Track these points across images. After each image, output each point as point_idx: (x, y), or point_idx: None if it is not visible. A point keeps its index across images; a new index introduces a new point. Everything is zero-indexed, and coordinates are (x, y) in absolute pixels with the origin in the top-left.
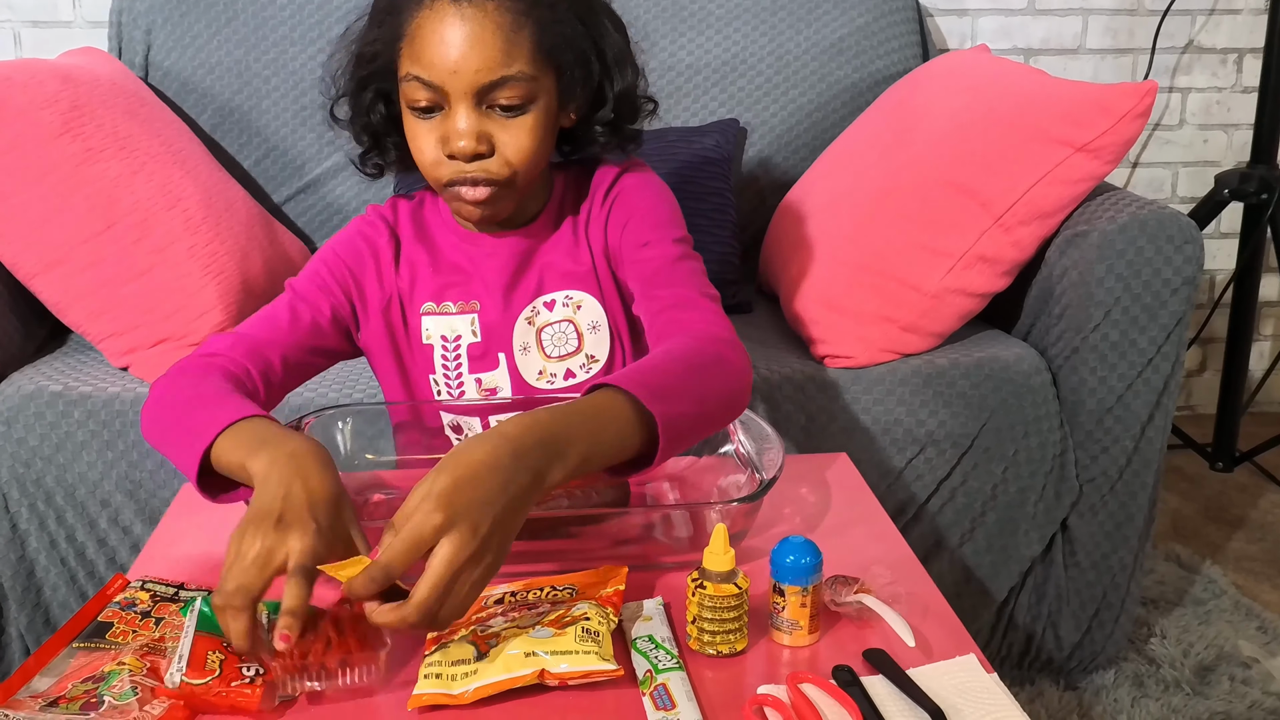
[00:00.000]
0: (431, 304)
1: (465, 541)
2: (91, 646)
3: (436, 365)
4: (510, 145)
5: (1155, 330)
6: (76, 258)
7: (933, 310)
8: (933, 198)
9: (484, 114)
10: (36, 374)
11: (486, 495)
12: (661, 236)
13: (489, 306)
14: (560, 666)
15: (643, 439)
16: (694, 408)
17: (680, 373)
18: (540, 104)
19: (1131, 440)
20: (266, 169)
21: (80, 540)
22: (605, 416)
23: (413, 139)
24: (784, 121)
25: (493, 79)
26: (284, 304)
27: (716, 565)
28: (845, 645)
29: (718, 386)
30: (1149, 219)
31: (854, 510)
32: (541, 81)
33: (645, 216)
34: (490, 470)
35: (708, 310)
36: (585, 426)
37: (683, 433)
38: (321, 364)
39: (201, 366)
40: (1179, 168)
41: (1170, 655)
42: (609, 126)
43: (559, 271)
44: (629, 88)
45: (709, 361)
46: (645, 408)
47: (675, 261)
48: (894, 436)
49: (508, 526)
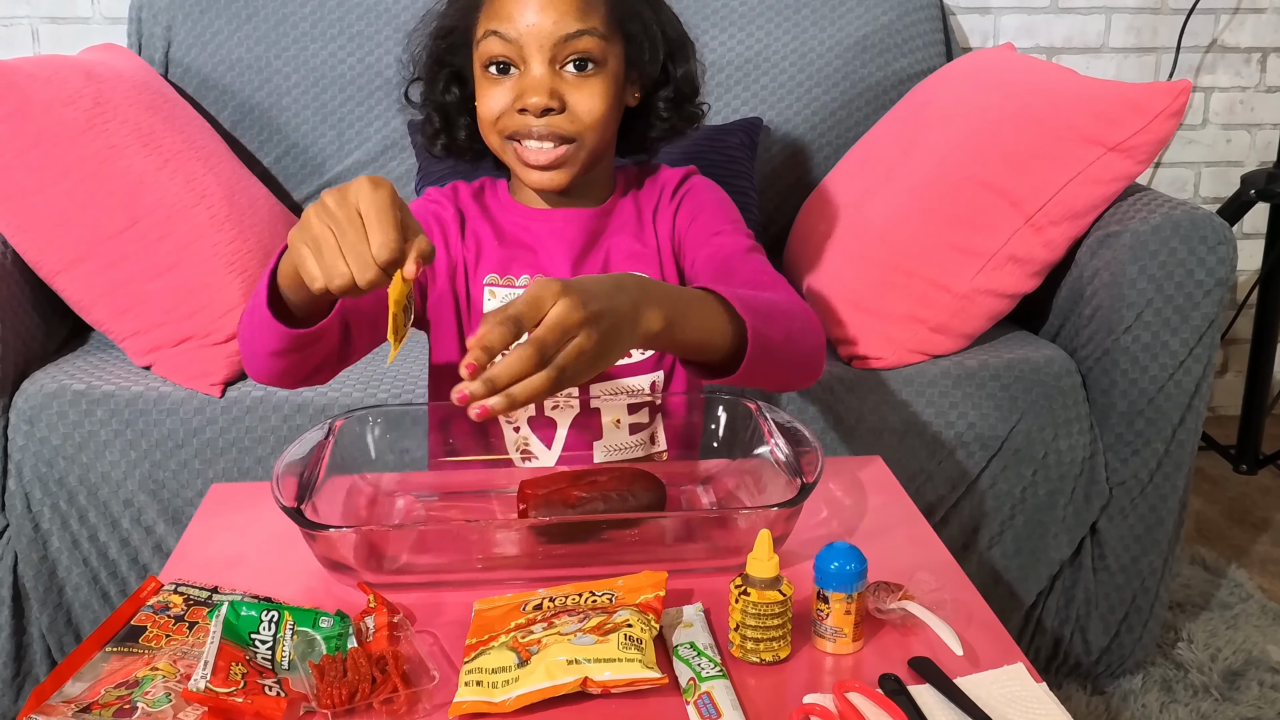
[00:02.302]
0: (495, 275)
1: (574, 307)
2: (125, 650)
3: None
4: (582, 104)
5: (1187, 332)
6: (100, 255)
7: (962, 311)
8: (963, 197)
9: (557, 74)
10: (59, 373)
11: (596, 286)
12: (734, 229)
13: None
14: (603, 674)
15: (730, 342)
16: (781, 338)
17: (773, 307)
18: (610, 68)
19: (1162, 443)
20: (287, 167)
21: (103, 540)
22: (702, 304)
23: (483, 98)
24: (807, 120)
25: (570, 31)
26: None
27: (761, 571)
28: (890, 653)
29: (803, 336)
30: (1182, 219)
31: (892, 514)
32: (612, 45)
33: (715, 211)
34: (603, 277)
35: (789, 289)
36: (682, 297)
37: (766, 354)
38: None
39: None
40: (1202, 168)
41: (1198, 660)
42: (671, 104)
43: (624, 251)
44: (690, 71)
45: (800, 314)
46: (739, 315)
47: (748, 251)
48: (923, 438)
49: (611, 324)
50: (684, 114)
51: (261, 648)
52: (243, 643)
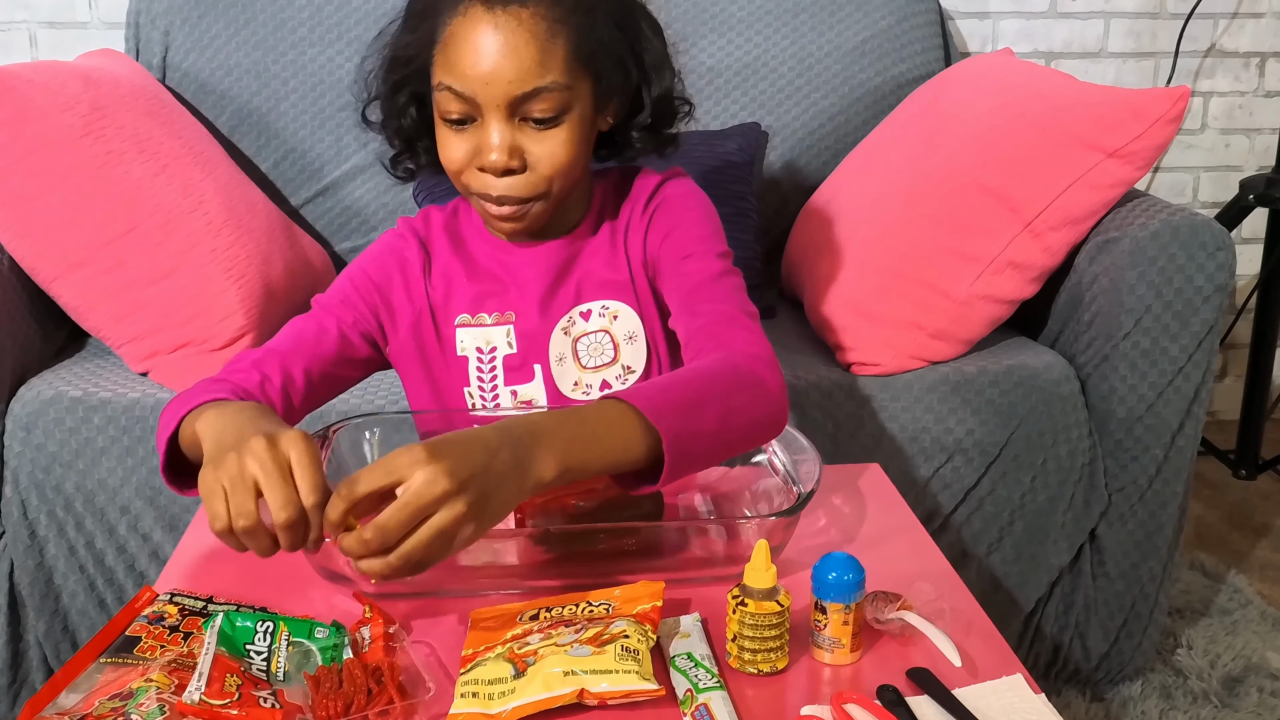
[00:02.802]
0: (466, 315)
1: (435, 479)
2: (119, 661)
3: (471, 377)
4: (545, 159)
5: (1187, 338)
6: (98, 261)
7: (962, 317)
8: (962, 202)
9: (517, 126)
10: (55, 379)
11: (467, 453)
12: (704, 250)
13: (525, 316)
14: (600, 686)
15: (648, 454)
16: (712, 426)
17: (703, 390)
18: (575, 113)
19: (1162, 449)
20: (285, 172)
21: (99, 547)
22: (609, 425)
23: (443, 148)
24: (806, 125)
25: (525, 90)
26: (310, 319)
27: (758, 582)
28: (888, 664)
29: (746, 409)
30: (1181, 225)
31: (890, 522)
32: (577, 90)
33: (688, 229)
34: (475, 438)
35: (747, 329)
36: (580, 429)
37: (696, 452)
38: (354, 375)
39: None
40: (1200, 172)
41: (1198, 666)
42: (646, 131)
43: (596, 280)
44: (666, 92)
45: (741, 381)
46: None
47: (717, 277)
48: (921, 445)
49: (488, 495)
50: (660, 138)
51: (257, 659)
52: (238, 654)
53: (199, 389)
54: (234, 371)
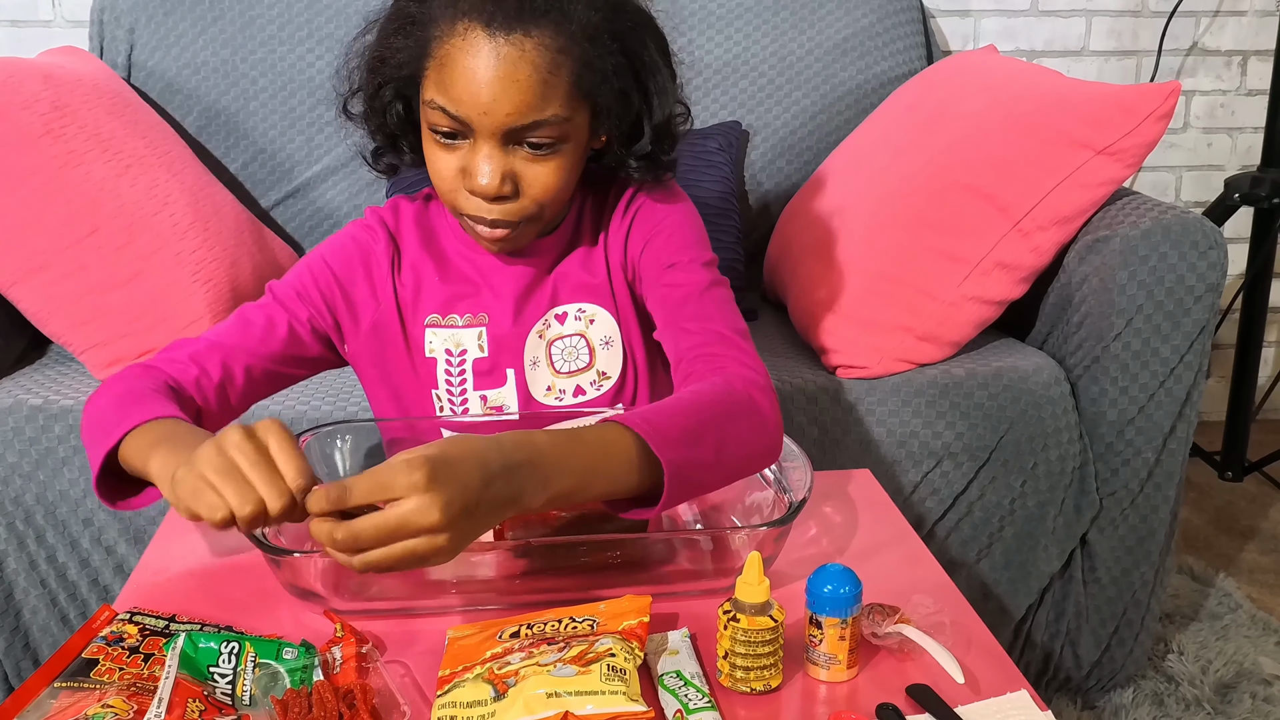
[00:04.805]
0: (437, 315)
1: (428, 509)
2: (75, 685)
3: (440, 380)
4: (536, 185)
5: (1178, 338)
6: (58, 265)
7: (949, 318)
8: (949, 202)
9: (510, 151)
10: (15, 387)
11: (466, 481)
12: (689, 260)
13: (499, 319)
14: (586, 708)
15: (646, 482)
16: (711, 457)
17: (703, 420)
18: (571, 142)
19: (1153, 452)
20: (254, 173)
21: (61, 561)
22: (608, 453)
23: (431, 162)
24: (787, 124)
25: (523, 123)
26: (260, 310)
27: (750, 596)
28: (886, 680)
29: (744, 438)
30: (1172, 224)
31: (883, 531)
32: (575, 120)
33: (670, 236)
34: (477, 465)
35: (740, 349)
36: (581, 458)
37: (694, 482)
38: (300, 374)
39: (138, 372)
40: (1183, 171)
41: (1189, 673)
42: (646, 158)
43: (573, 283)
44: (667, 119)
45: (740, 410)
46: (653, 453)
47: (704, 290)
48: (909, 449)
49: (473, 525)
50: (658, 165)
51: (221, 682)
52: (201, 677)
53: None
54: (169, 362)
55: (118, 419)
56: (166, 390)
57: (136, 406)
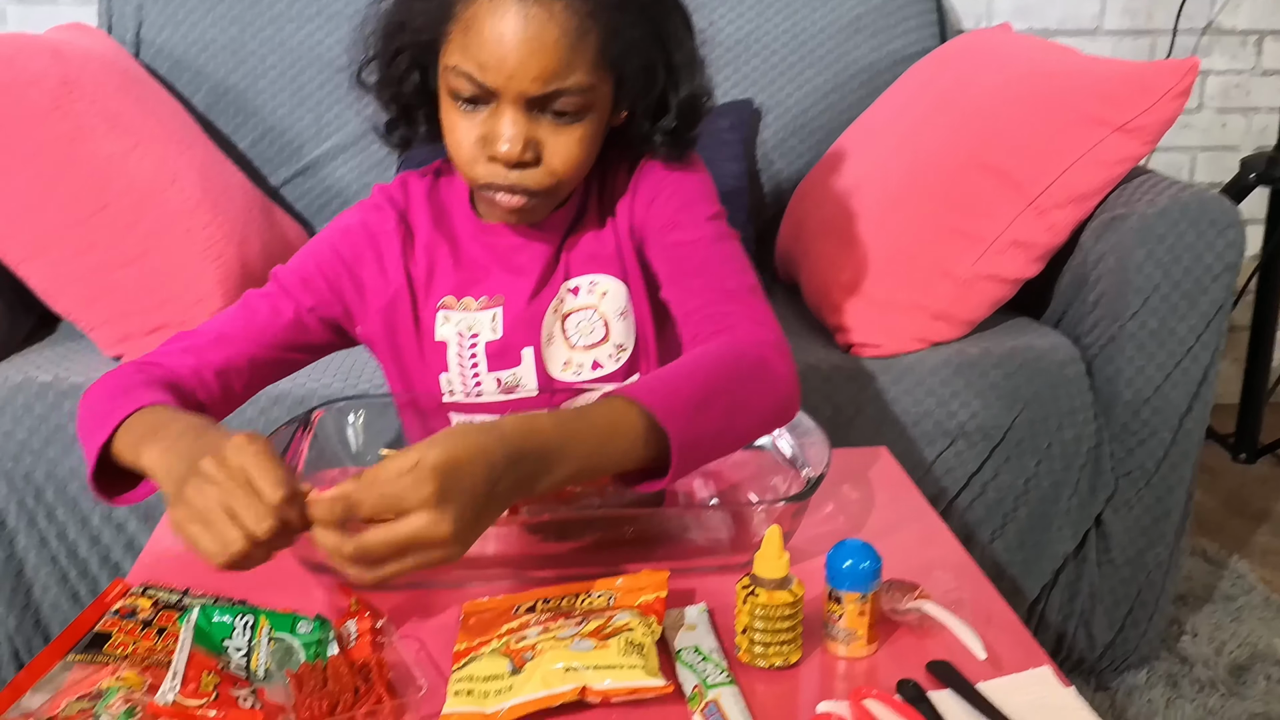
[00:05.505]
0: (451, 298)
1: (440, 522)
2: (88, 659)
3: (451, 364)
4: (558, 155)
5: (1195, 318)
6: (67, 242)
7: (964, 297)
8: (964, 180)
9: (533, 118)
10: (25, 364)
11: (474, 486)
12: (692, 216)
13: (515, 298)
14: (604, 682)
15: (653, 454)
16: (720, 424)
17: (710, 385)
18: (594, 113)
19: (1169, 432)
20: (263, 151)
21: (72, 538)
22: (615, 430)
23: (450, 130)
24: (800, 102)
25: (549, 89)
26: (264, 299)
27: (770, 571)
28: (905, 657)
29: (755, 401)
30: (1190, 202)
31: (901, 509)
32: (600, 90)
33: (674, 193)
34: (485, 466)
35: (751, 305)
36: (587, 439)
37: (703, 452)
38: (304, 359)
39: (131, 369)
40: (1197, 152)
41: (1203, 654)
42: (670, 134)
43: (584, 254)
44: (694, 94)
45: (749, 371)
46: (660, 424)
47: (710, 244)
48: (924, 429)
49: (480, 523)
50: (681, 142)
51: (235, 655)
52: (216, 650)
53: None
54: (165, 355)
55: (106, 414)
56: (159, 383)
57: (124, 399)
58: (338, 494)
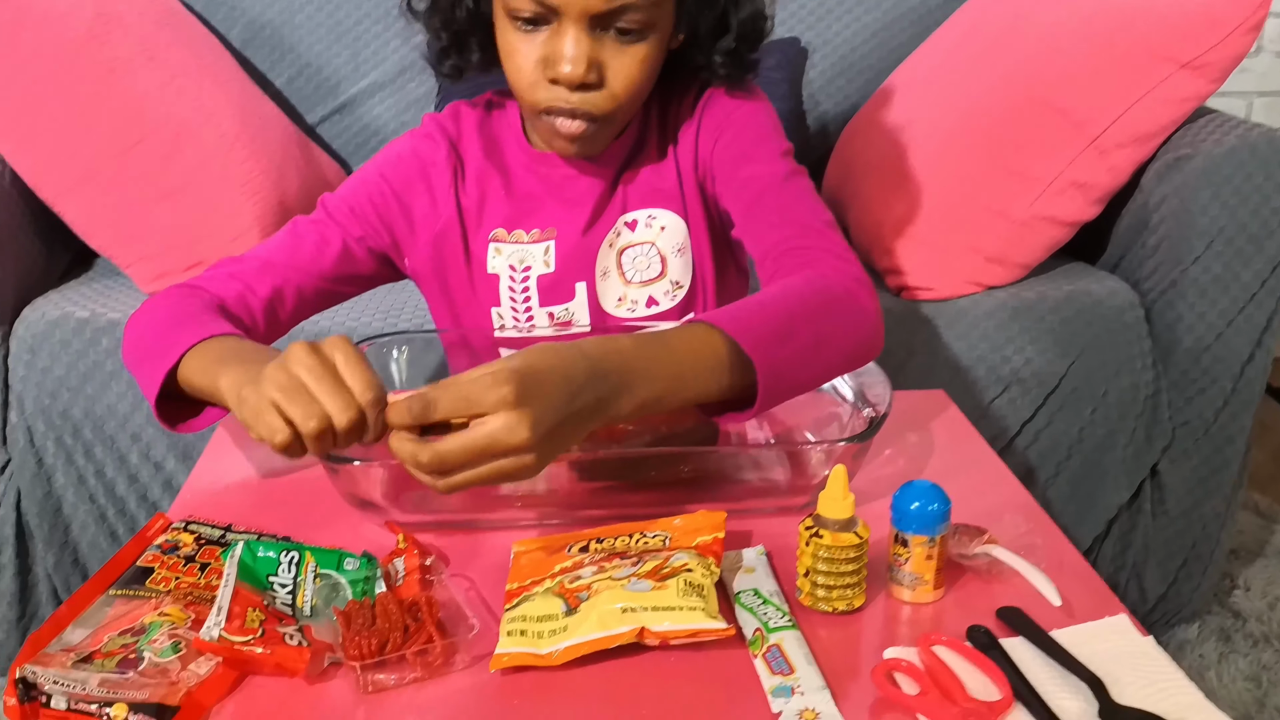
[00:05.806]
0: (502, 230)
1: (517, 426)
2: (130, 594)
3: (503, 297)
4: (620, 76)
5: (1261, 263)
6: (104, 176)
7: (1020, 239)
8: (1022, 119)
9: (595, 37)
10: (62, 300)
11: (553, 394)
12: (764, 153)
13: (568, 232)
14: (663, 624)
15: (738, 385)
16: (807, 356)
17: (796, 316)
18: (656, 32)
19: (1230, 381)
20: (300, 88)
21: (110, 476)
22: (697, 355)
23: (509, 54)
24: (848, 41)
25: (614, 6)
26: (313, 225)
27: (835, 512)
28: (973, 603)
29: (842, 335)
30: (1259, 142)
31: (963, 453)
32: (663, 7)
33: (743, 128)
34: (564, 378)
35: (831, 240)
36: (669, 364)
37: (789, 385)
38: (351, 291)
39: (184, 292)
40: (1254, 97)
41: (1256, 609)
42: (730, 55)
43: (644, 188)
44: (754, 12)
45: (835, 305)
46: (745, 353)
47: (783, 181)
48: (977, 374)
49: (560, 438)
50: (744, 63)
51: (281, 592)
52: (260, 586)
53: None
54: (212, 280)
55: (173, 339)
56: (216, 309)
57: (192, 324)
58: (415, 394)
